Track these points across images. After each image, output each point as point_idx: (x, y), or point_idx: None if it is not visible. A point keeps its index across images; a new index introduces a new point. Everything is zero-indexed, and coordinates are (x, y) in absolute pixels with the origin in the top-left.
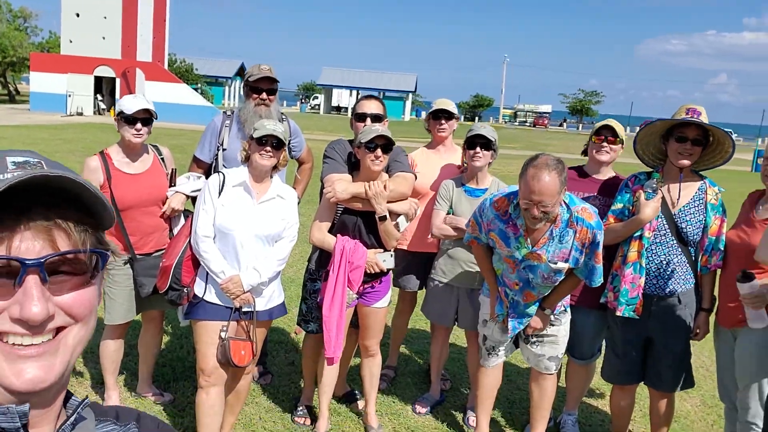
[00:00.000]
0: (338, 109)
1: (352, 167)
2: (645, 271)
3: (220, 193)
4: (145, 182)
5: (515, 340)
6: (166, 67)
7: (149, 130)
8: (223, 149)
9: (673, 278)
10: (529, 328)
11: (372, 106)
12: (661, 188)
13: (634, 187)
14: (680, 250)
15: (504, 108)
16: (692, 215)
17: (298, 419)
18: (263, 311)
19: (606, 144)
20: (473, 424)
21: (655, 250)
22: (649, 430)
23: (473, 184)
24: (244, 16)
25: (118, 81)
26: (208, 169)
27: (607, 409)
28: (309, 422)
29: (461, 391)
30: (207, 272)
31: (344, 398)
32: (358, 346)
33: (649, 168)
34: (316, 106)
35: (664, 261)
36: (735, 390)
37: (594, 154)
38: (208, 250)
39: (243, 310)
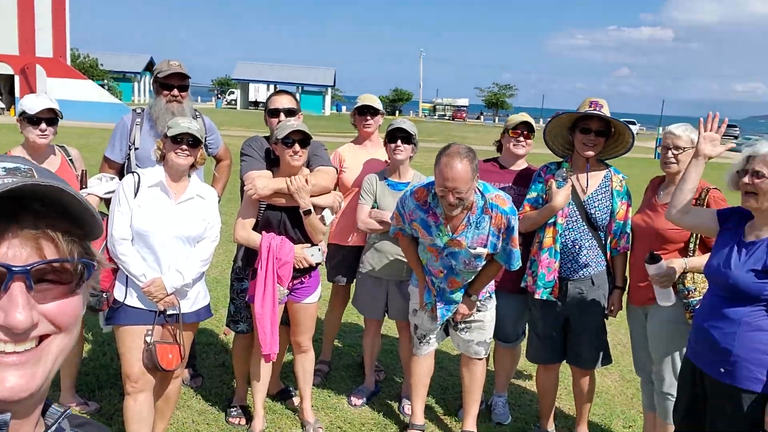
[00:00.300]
0: (256, 104)
1: (272, 164)
2: (559, 256)
3: (135, 194)
4: None
5: (445, 328)
6: (69, 62)
7: (55, 131)
8: (136, 148)
9: (585, 261)
10: (458, 314)
11: (284, 101)
12: (570, 177)
13: (546, 177)
14: (591, 235)
15: (423, 102)
16: (600, 201)
17: (232, 420)
18: (189, 313)
19: (522, 138)
20: (408, 412)
21: (568, 236)
22: (573, 406)
23: (396, 178)
24: (152, 8)
25: (17, 78)
26: (121, 170)
27: (535, 389)
28: (244, 422)
29: (395, 381)
30: (127, 276)
31: (279, 396)
32: (290, 343)
33: (560, 158)
34: (233, 102)
35: (577, 245)
36: (650, 364)
37: (511, 148)
38: (126, 253)
39: (168, 313)
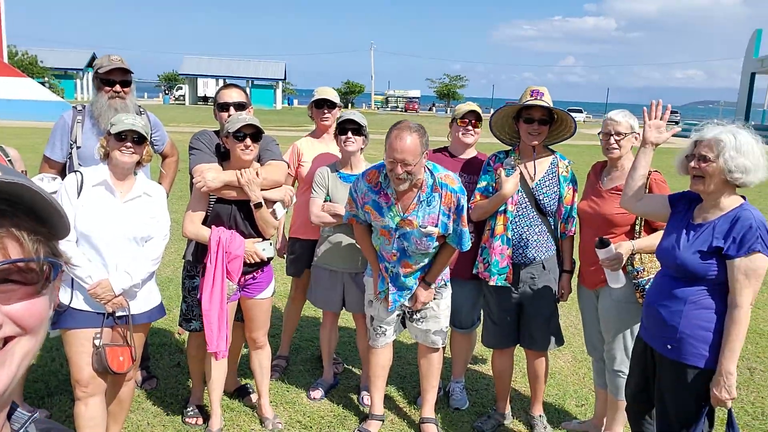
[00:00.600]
0: (205, 99)
1: (221, 158)
2: (511, 242)
3: (79, 194)
4: None
5: (402, 320)
6: (6, 60)
7: None
8: (77, 147)
9: (536, 247)
10: (417, 303)
11: (234, 95)
12: (518, 165)
13: (495, 166)
14: (540, 221)
15: (375, 94)
16: (548, 187)
17: (189, 420)
18: (140, 314)
19: (471, 127)
20: (368, 403)
21: (519, 222)
22: (528, 388)
23: (348, 170)
24: (93, 2)
25: None
26: (63, 169)
27: (491, 373)
28: (201, 421)
29: (354, 372)
30: (72, 278)
31: (236, 393)
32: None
33: (508, 146)
34: (181, 97)
35: (527, 231)
36: (601, 344)
37: (460, 137)
38: (70, 254)
39: (117, 314)
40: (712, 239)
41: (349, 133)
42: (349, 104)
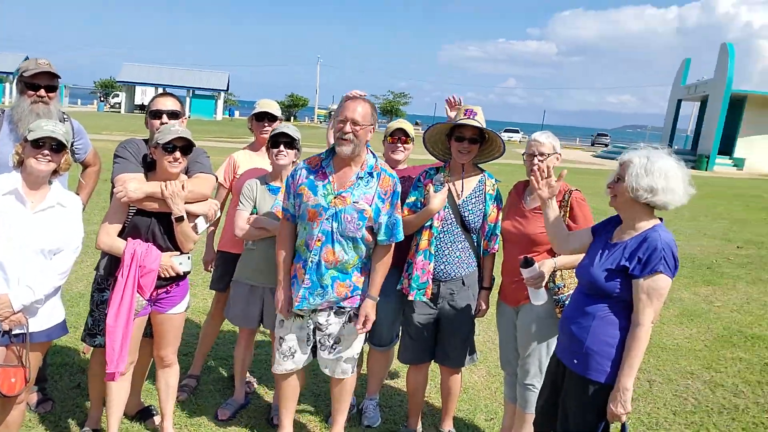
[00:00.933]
0: (142, 108)
1: (147, 168)
2: (434, 258)
3: None
4: None
5: (313, 348)
6: None
7: None
8: None
9: (458, 263)
10: (366, 322)
11: (168, 103)
12: (447, 182)
13: (425, 182)
14: (464, 237)
15: (319, 108)
16: (474, 205)
17: None
18: (39, 332)
19: (400, 144)
20: (278, 423)
21: (443, 238)
22: (440, 403)
23: (278, 183)
24: (28, 3)
25: None
26: None
27: (404, 388)
28: None
29: (267, 391)
30: None
31: (138, 416)
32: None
33: (442, 162)
34: (117, 105)
35: (451, 247)
36: (515, 359)
37: (390, 154)
38: None
39: (14, 332)
40: (621, 258)
41: (282, 146)
42: (292, 117)
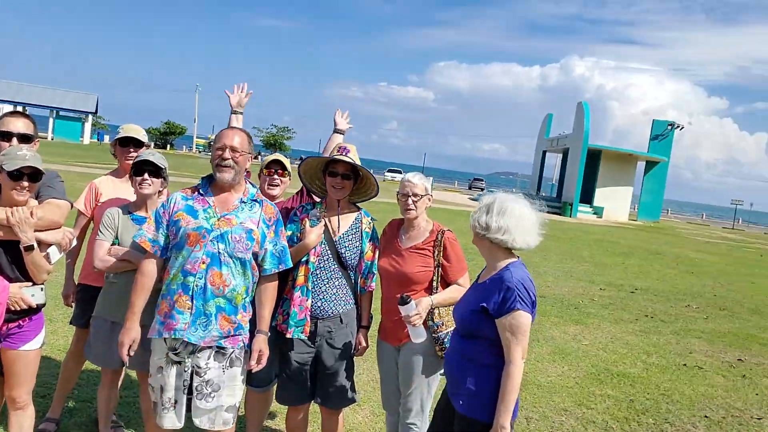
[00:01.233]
0: None
1: None
2: (311, 294)
3: None
4: None
5: (189, 401)
6: None
7: None
8: None
9: (335, 300)
10: (261, 357)
11: (18, 124)
12: (323, 217)
13: (301, 216)
14: (341, 274)
15: (198, 137)
16: (350, 242)
17: None
18: None
19: (276, 177)
20: None
21: (319, 274)
22: None
23: (143, 213)
24: None
25: None
26: None
27: (282, 428)
28: None
29: None
30: None
31: None
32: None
33: (320, 197)
34: None
35: (327, 284)
36: (397, 398)
37: (266, 188)
38: None
39: None
40: (481, 299)
41: (146, 175)
42: (168, 145)
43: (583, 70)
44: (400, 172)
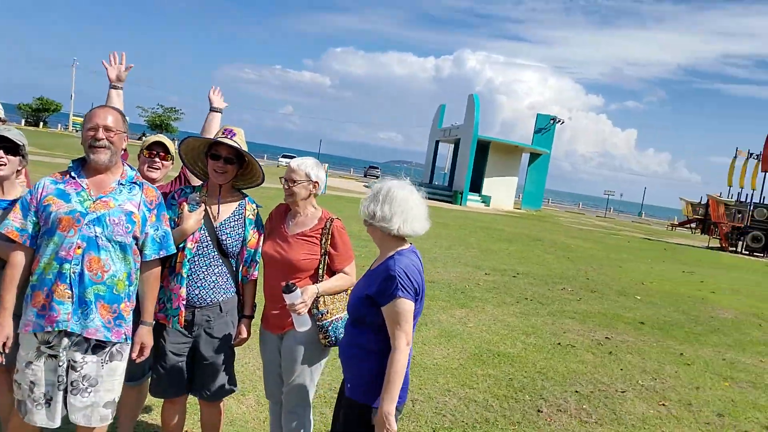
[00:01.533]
0: None
1: None
2: (186, 282)
3: None
4: None
5: (64, 395)
6: None
7: None
8: None
9: (214, 288)
10: (144, 349)
11: None
12: (204, 202)
13: (180, 200)
14: (222, 262)
15: (74, 115)
16: (232, 229)
17: None
18: None
19: (158, 159)
20: None
21: (198, 261)
22: None
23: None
24: None
25: None
26: None
27: (158, 423)
28: None
29: None
30: None
31: None
32: None
33: (201, 180)
34: None
35: (206, 272)
36: (280, 387)
37: (145, 170)
38: None
39: None
40: (367, 287)
41: (1, 152)
42: (41, 123)
43: (475, 64)
44: (293, 158)
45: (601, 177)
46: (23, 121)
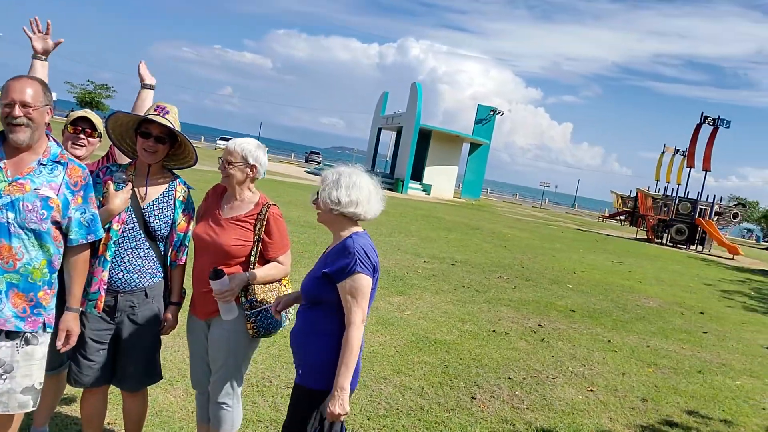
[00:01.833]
0: None
1: None
2: (110, 265)
3: None
4: None
5: None
6: None
7: None
8: None
9: (139, 271)
10: (70, 336)
11: None
12: (131, 181)
13: (105, 179)
14: (148, 245)
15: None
16: (161, 210)
17: None
18: None
19: (83, 136)
20: None
21: (123, 244)
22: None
23: None
24: None
25: None
26: None
27: (77, 414)
28: None
29: None
30: None
31: None
32: None
33: (129, 158)
34: None
35: (131, 254)
36: (207, 376)
37: (69, 147)
38: None
39: None
40: (323, 266)
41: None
42: None
43: (418, 52)
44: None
45: (538, 168)
46: None
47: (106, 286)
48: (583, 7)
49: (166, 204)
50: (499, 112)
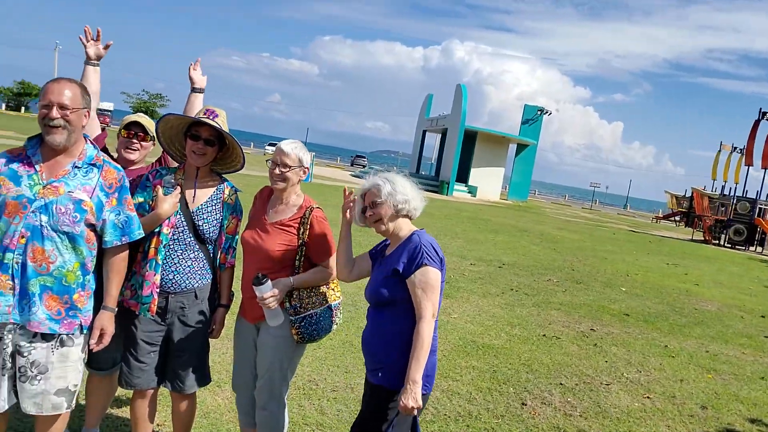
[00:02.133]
0: None
1: None
2: (161, 268)
3: None
4: None
5: (14, 383)
6: None
7: None
8: None
9: (189, 275)
10: (103, 336)
11: None
12: (180, 185)
13: (155, 183)
14: (198, 247)
15: None
16: (209, 213)
17: None
18: None
19: (136, 141)
20: None
21: (173, 247)
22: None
23: None
24: None
25: None
26: None
27: (128, 415)
28: None
29: None
30: None
31: None
32: None
33: (178, 162)
34: None
35: (181, 257)
36: (251, 378)
37: (122, 151)
38: None
39: None
40: (393, 264)
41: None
42: (23, 107)
43: (463, 54)
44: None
45: (587, 169)
46: (4, 105)
47: (158, 290)
48: (633, 4)
49: (214, 207)
50: (547, 112)
